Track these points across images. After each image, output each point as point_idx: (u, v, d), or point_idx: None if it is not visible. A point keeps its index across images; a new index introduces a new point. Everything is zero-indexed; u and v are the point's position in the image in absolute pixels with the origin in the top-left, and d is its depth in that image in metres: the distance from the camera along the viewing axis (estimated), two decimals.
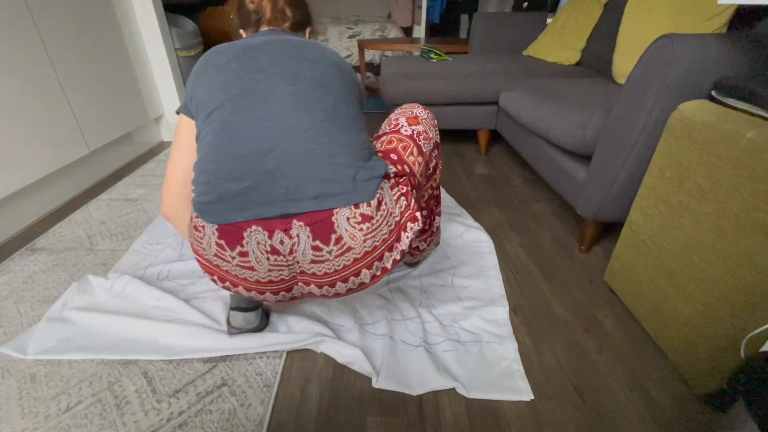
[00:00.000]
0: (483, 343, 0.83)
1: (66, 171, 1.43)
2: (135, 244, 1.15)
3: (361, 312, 0.90)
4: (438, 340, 0.84)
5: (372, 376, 0.75)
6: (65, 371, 0.76)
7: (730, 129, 0.64)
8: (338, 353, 0.79)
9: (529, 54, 2.04)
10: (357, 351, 0.78)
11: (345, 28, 3.49)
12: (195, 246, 0.64)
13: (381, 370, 0.76)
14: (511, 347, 0.82)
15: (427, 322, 0.88)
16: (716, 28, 1.07)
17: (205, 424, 0.67)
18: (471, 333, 0.86)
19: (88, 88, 1.46)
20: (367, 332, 0.85)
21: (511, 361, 0.79)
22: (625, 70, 1.34)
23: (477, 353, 0.81)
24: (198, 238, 0.62)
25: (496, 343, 0.83)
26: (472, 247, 1.14)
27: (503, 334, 0.85)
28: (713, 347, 0.68)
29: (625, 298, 0.93)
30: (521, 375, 0.76)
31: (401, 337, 0.84)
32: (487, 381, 0.75)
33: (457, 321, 0.88)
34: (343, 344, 0.79)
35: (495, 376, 0.76)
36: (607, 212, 1.02)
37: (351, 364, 0.78)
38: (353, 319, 0.88)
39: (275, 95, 0.60)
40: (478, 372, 0.77)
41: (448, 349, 0.82)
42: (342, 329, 0.86)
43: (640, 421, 0.69)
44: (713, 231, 0.67)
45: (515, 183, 1.57)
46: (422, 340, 0.83)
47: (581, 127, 1.03)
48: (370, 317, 0.89)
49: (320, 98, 0.62)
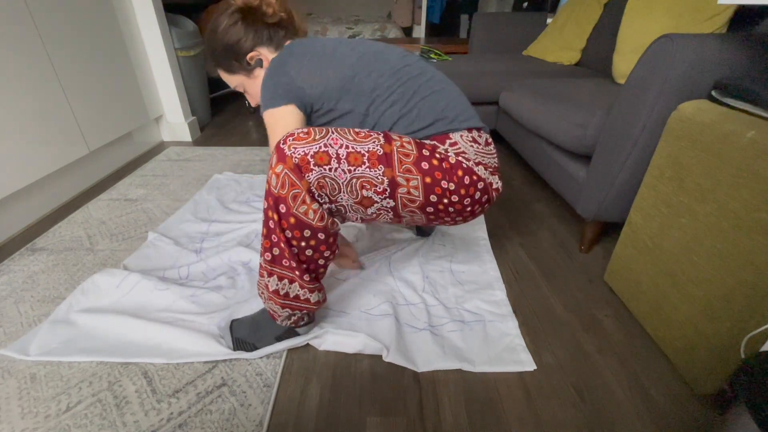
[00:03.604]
0: (486, 322, 0.88)
1: (66, 171, 1.43)
2: (150, 239, 1.14)
3: (364, 299, 0.93)
4: (443, 321, 0.88)
5: (382, 352, 0.79)
6: (65, 371, 0.76)
7: (730, 129, 0.64)
8: (345, 345, 0.81)
9: (529, 54, 2.04)
10: (361, 335, 0.81)
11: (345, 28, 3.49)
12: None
13: (390, 347, 0.80)
14: (512, 324, 0.87)
15: (431, 305, 0.92)
16: (716, 28, 1.07)
17: (205, 424, 0.67)
18: (474, 314, 0.90)
19: (88, 88, 1.46)
20: (371, 316, 0.88)
21: (513, 337, 0.84)
22: (625, 70, 1.34)
23: (481, 331, 0.86)
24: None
25: (498, 321, 0.88)
26: (465, 235, 1.20)
27: (504, 313, 0.90)
28: (713, 347, 0.68)
29: (625, 298, 0.93)
30: (523, 348, 0.81)
31: (406, 320, 0.88)
32: (493, 355, 0.80)
33: (460, 303, 0.93)
34: (345, 333, 0.81)
35: (499, 350, 0.81)
36: (607, 212, 1.02)
37: (362, 350, 0.80)
38: (356, 307, 0.91)
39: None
40: (483, 348, 0.82)
41: (454, 329, 0.86)
42: (345, 317, 0.88)
43: (640, 421, 0.69)
44: (713, 231, 0.67)
45: (515, 183, 1.57)
46: (427, 324, 0.87)
47: (581, 127, 1.03)
48: (374, 302, 0.92)
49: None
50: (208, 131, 2.21)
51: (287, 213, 0.66)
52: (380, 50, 0.79)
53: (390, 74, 0.76)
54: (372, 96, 0.75)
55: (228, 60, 0.85)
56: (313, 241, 0.69)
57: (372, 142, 0.69)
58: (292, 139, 0.66)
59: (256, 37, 0.82)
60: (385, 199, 0.71)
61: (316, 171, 0.65)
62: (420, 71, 0.78)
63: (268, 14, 0.81)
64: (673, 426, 0.68)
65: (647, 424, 0.68)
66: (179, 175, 1.61)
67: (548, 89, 1.32)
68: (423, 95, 0.76)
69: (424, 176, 0.71)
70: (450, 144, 0.75)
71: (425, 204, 0.73)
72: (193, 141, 2.05)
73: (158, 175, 1.61)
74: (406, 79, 0.76)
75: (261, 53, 0.84)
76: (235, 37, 0.82)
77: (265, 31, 0.83)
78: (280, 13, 0.82)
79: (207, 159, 1.78)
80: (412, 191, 0.71)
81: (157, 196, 1.44)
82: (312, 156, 0.65)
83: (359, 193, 0.69)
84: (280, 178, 0.65)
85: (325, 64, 0.75)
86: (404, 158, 0.70)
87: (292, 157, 0.64)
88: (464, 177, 0.73)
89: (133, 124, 1.74)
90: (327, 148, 0.66)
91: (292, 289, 0.72)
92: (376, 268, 1.04)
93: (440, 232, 1.21)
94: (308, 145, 0.65)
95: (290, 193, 0.65)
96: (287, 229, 0.67)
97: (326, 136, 0.67)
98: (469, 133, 0.77)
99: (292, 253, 0.69)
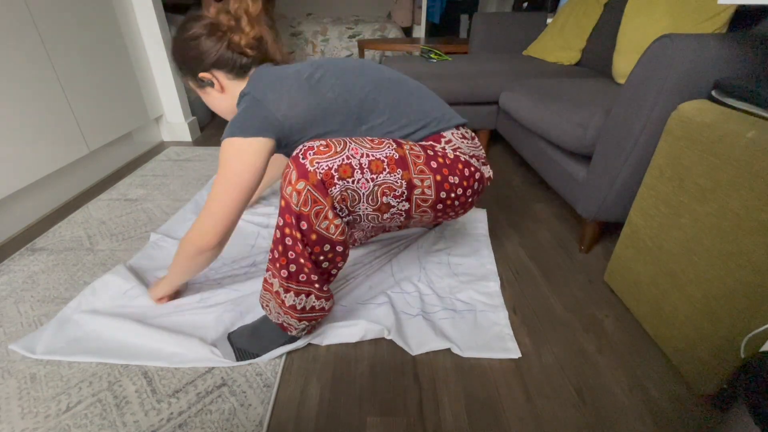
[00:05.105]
0: (477, 311, 0.91)
1: (66, 171, 1.43)
2: (152, 240, 1.14)
3: (360, 289, 0.96)
4: (435, 309, 0.91)
5: (383, 333, 0.82)
6: (65, 371, 0.76)
7: (730, 129, 0.64)
8: (346, 335, 0.82)
9: (529, 54, 2.04)
10: (362, 321, 0.83)
11: (345, 28, 3.49)
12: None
13: (391, 330, 0.83)
14: (502, 315, 0.90)
15: (425, 294, 0.95)
16: (716, 28, 1.07)
17: (205, 424, 0.67)
18: (466, 303, 0.93)
19: (88, 88, 1.46)
20: (368, 304, 0.91)
21: (502, 326, 0.87)
22: (625, 70, 1.34)
23: (471, 320, 0.88)
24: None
25: (489, 311, 0.91)
26: (467, 229, 1.22)
27: (496, 304, 0.93)
28: (713, 347, 0.68)
29: (625, 298, 0.93)
30: (511, 338, 0.84)
31: (401, 308, 0.91)
32: (481, 342, 0.83)
33: (454, 293, 0.96)
34: (345, 324, 0.83)
35: (488, 338, 0.84)
36: (607, 212, 1.02)
37: (364, 337, 0.83)
38: (354, 299, 0.93)
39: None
40: (472, 335, 0.84)
41: (445, 317, 0.89)
42: (343, 310, 0.89)
43: (640, 421, 0.69)
44: (713, 231, 0.67)
45: (515, 183, 1.57)
46: (420, 310, 0.90)
47: (581, 127, 1.03)
48: (370, 293, 0.94)
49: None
50: (208, 131, 2.21)
51: (309, 230, 0.65)
52: (355, 66, 0.78)
53: (372, 87, 0.75)
54: (358, 111, 0.75)
55: (181, 66, 0.81)
56: (331, 254, 0.69)
57: (387, 147, 0.70)
58: (313, 153, 0.63)
59: (216, 60, 0.77)
60: (402, 203, 0.71)
61: (340, 185, 0.64)
62: (398, 79, 0.80)
63: (234, 42, 0.76)
64: (673, 426, 0.68)
65: (647, 424, 0.68)
66: (179, 175, 1.61)
67: (548, 89, 1.32)
68: (408, 101, 0.77)
69: (435, 174, 0.72)
70: (445, 142, 0.77)
71: (436, 201, 0.75)
72: (193, 141, 2.05)
73: (158, 175, 1.61)
74: (388, 88, 0.77)
75: (215, 76, 0.79)
76: (194, 53, 0.77)
77: (228, 55, 0.77)
78: (247, 47, 0.77)
79: (207, 159, 1.78)
80: (426, 191, 0.72)
81: (157, 196, 1.44)
82: (336, 170, 0.64)
83: (379, 200, 0.69)
84: (303, 195, 0.62)
85: (303, 92, 0.72)
86: (416, 159, 0.71)
87: (316, 173, 0.62)
88: (464, 170, 0.76)
89: (133, 124, 1.74)
90: (350, 159, 0.65)
91: (308, 302, 0.72)
92: (378, 263, 1.05)
93: (441, 227, 1.23)
94: (331, 158, 0.64)
95: (313, 209, 0.63)
96: (308, 245, 0.66)
97: (346, 147, 0.66)
98: (458, 130, 0.80)
99: (312, 269, 0.68)
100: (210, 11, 0.77)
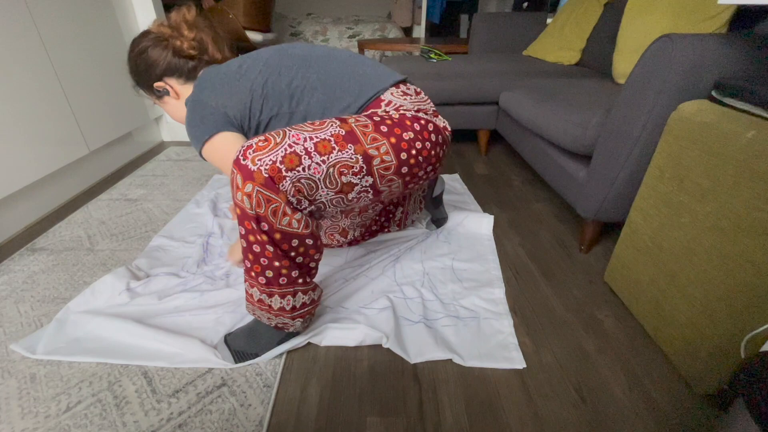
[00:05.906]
0: (481, 319, 0.88)
1: (66, 171, 1.43)
2: (155, 239, 1.15)
3: (363, 295, 0.94)
4: (438, 316, 0.89)
5: (382, 341, 0.81)
6: (65, 371, 0.76)
7: (730, 129, 0.64)
8: (345, 338, 0.82)
9: (529, 54, 2.04)
10: (361, 326, 0.82)
11: (345, 28, 3.49)
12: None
13: (389, 336, 0.82)
14: (506, 323, 0.87)
15: (428, 300, 0.93)
16: (716, 28, 1.07)
17: (205, 424, 0.67)
18: (469, 310, 0.91)
19: (88, 88, 1.46)
20: (370, 309, 0.90)
21: (506, 335, 0.84)
22: (625, 70, 1.34)
23: (475, 327, 0.86)
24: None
25: (493, 319, 0.88)
26: (472, 234, 1.21)
27: (500, 311, 0.91)
28: (713, 347, 0.68)
29: (625, 298, 0.93)
30: (515, 347, 0.82)
31: (402, 314, 0.89)
32: (484, 351, 0.80)
33: (457, 299, 0.94)
34: (345, 327, 0.83)
35: (491, 347, 0.81)
36: (607, 212, 1.02)
37: (362, 341, 0.82)
38: (356, 303, 0.92)
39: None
40: (475, 343, 0.82)
41: (448, 324, 0.87)
42: (344, 313, 0.89)
43: (640, 421, 0.69)
44: (713, 231, 0.67)
45: (515, 183, 1.57)
46: (422, 317, 0.88)
47: (581, 127, 1.03)
48: (373, 298, 0.93)
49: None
50: None
51: (271, 230, 0.63)
52: (284, 48, 0.81)
53: (300, 65, 0.77)
54: (290, 91, 0.76)
55: (137, 80, 0.89)
56: (302, 248, 0.68)
57: (330, 126, 0.68)
58: (252, 151, 0.61)
59: (165, 68, 0.85)
60: (363, 178, 0.69)
61: (290, 176, 0.61)
62: (328, 53, 0.81)
63: (177, 47, 0.83)
64: (673, 426, 0.68)
65: (647, 423, 0.68)
66: (179, 175, 1.61)
67: (548, 89, 1.32)
68: (339, 71, 0.78)
69: (389, 138, 0.71)
70: (386, 104, 0.76)
71: (400, 165, 0.73)
72: None
73: (158, 175, 1.61)
74: (317, 63, 0.78)
75: (168, 83, 0.87)
76: (144, 65, 0.85)
77: (175, 61, 0.84)
78: (189, 50, 0.84)
79: None
80: (385, 158, 0.70)
81: (157, 196, 1.44)
82: (281, 162, 0.61)
83: (338, 181, 0.67)
84: (254, 198, 0.61)
85: (235, 83, 0.77)
86: (365, 129, 0.70)
87: (261, 171, 0.60)
88: (413, 125, 0.74)
89: (133, 123, 1.74)
90: (293, 147, 0.63)
91: (297, 300, 0.72)
92: (381, 266, 1.04)
93: (446, 230, 1.22)
94: (272, 151, 0.61)
95: (269, 209, 0.62)
96: (276, 245, 0.65)
97: (286, 136, 0.64)
98: (397, 89, 0.79)
99: (290, 267, 0.68)
100: (171, 18, 0.85)
